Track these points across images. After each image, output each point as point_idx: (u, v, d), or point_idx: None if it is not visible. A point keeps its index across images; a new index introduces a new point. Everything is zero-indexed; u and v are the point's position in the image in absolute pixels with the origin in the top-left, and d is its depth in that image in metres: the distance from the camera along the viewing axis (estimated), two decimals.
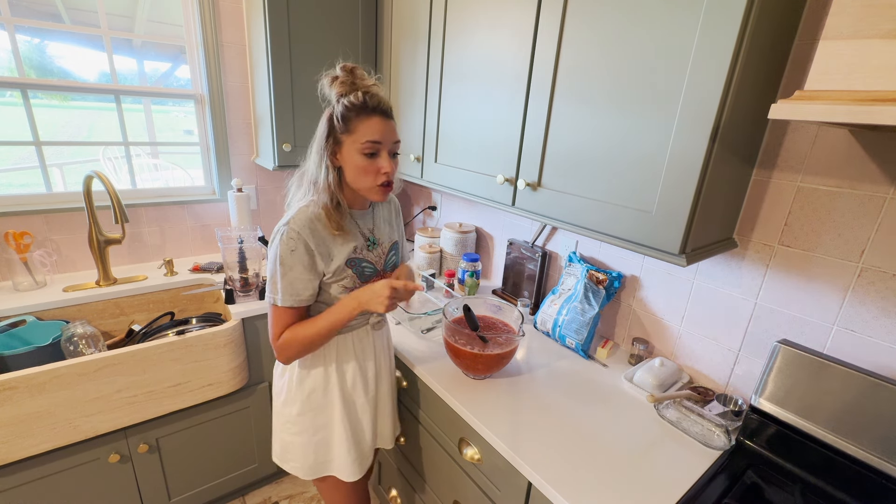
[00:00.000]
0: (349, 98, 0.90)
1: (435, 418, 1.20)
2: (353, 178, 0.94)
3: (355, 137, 0.91)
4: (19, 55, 1.47)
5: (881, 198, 0.84)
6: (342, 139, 0.92)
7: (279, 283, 0.93)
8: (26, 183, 1.63)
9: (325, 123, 0.93)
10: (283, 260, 0.92)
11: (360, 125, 0.91)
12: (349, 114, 0.90)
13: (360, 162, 0.92)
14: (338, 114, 0.90)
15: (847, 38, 0.62)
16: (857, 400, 0.81)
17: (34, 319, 1.41)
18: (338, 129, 0.91)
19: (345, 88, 0.91)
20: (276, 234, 0.93)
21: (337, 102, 0.91)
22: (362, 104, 0.90)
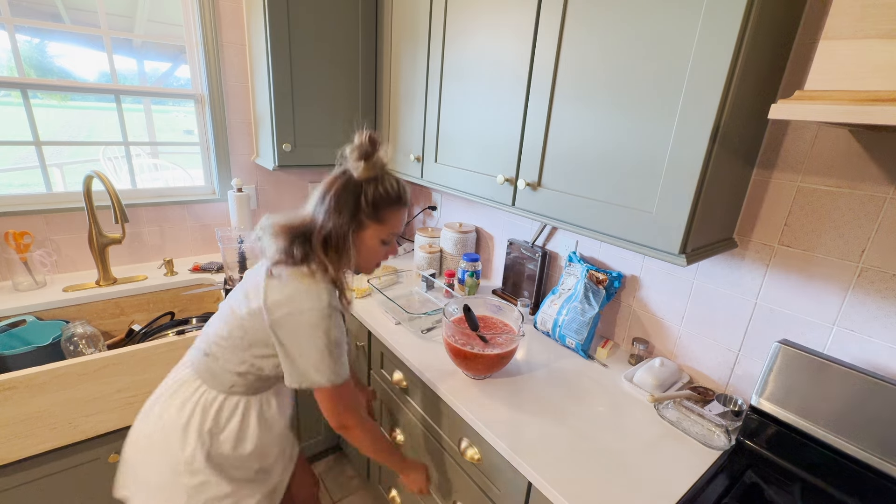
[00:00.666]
0: (385, 186, 0.88)
1: (435, 418, 1.20)
2: (359, 258, 0.93)
3: (383, 228, 0.91)
4: (19, 55, 1.47)
5: (881, 198, 0.84)
6: (366, 223, 0.89)
7: (339, 359, 0.88)
8: (26, 183, 1.63)
9: (351, 200, 0.87)
10: (338, 341, 0.87)
11: (391, 217, 0.91)
12: (382, 203, 0.88)
13: (377, 248, 0.93)
14: (368, 198, 0.87)
15: (847, 38, 0.62)
16: (857, 400, 0.81)
17: (34, 319, 1.41)
18: (364, 213, 0.88)
19: (374, 171, 0.88)
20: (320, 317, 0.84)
21: (366, 183, 0.87)
22: (398, 197, 0.90)
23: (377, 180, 0.88)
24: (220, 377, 0.94)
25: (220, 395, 0.94)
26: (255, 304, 0.87)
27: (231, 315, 0.92)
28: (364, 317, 1.46)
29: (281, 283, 0.86)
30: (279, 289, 0.86)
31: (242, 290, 0.94)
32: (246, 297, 0.91)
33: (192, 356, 0.99)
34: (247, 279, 0.97)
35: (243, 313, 0.90)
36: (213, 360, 0.94)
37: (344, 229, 0.87)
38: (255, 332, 0.89)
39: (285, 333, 0.86)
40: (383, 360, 1.41)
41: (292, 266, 0.87)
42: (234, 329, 0.91)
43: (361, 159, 0.86)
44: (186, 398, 0.94)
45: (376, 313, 1.47)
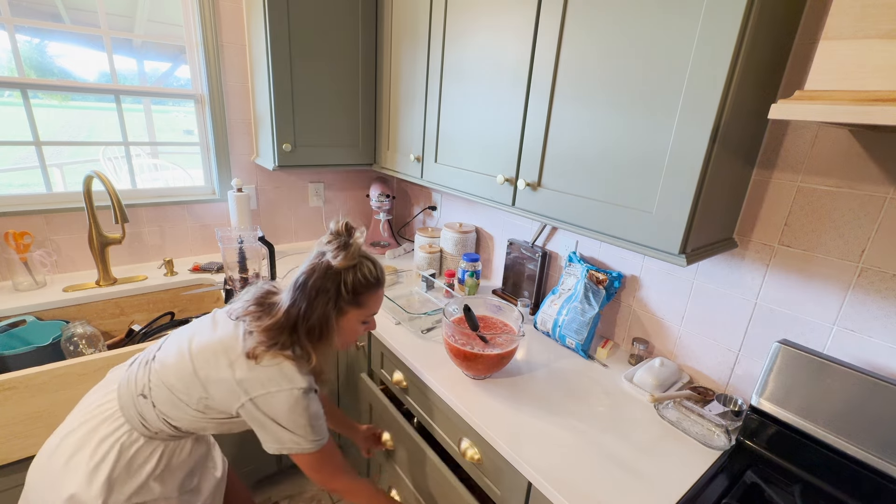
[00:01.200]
0: (364, 272, 0.90)
1: (435, 418, 1.20)
2: (339, 340, 0.95)
3: (363, 311, 0.94)
4: (19, 55, 1.47)
5: (881, 198, 0.84)
6: (347, 309, 0.91)
7: (319, 428, 0.90)
8: (26, 183, 1.63)
9: (332, 289, 0.88)
10: (317, 414, 0.89)
11: (370, 300, 0.94)
12: (362, 289, 0.91)
13: (356, 329, 0.96)
14: (348, 286, 0.89)
15: (847, 38, 0.62)
16: (858, 400, 0.81)
17: (34, 319, 1.41)
18: (344, 300, 0.90)
19: (352, 260, 0.89)
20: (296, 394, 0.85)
21: (345, 272, 0.89)
22: (376, 281, 0.93)
23: (355, 268, 0.90)
24: (150, 423, 0.88)
25: (140, 437, 0.89)
26: (226, 375, 0.85)
27: (190, 371, 0.87)
28: None
29: (259, 363, 0.85)
30: (258, 369, 0.85)
31: (208, 344, 0.88)
32: (214, 356, 0.86)
33: (125, 390, 0.90)
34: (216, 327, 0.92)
35: (208, 376, 0.86)
36: (148, 405, 0.88)
37: (327, 317, 0.89)
38: (219, 401, 0.86)
39: (260, 412, 0.85)
40: (383, 360, 1.41)
41: (274, 350, 0.86)
42: (193, 387, 0.86)
43: (341, 250, 0.88)
44: (105, 436, 0.87)
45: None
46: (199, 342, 0.89)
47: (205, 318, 0.97)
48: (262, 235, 1.58)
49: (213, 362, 0.86)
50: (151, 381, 0.89)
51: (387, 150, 1.75)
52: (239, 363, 0.85)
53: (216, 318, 0.95)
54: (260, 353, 0.85)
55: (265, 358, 0.85)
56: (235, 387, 0.84)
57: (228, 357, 0.86)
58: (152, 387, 0.88)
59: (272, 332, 0.87)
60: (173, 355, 0.90)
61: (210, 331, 0.91)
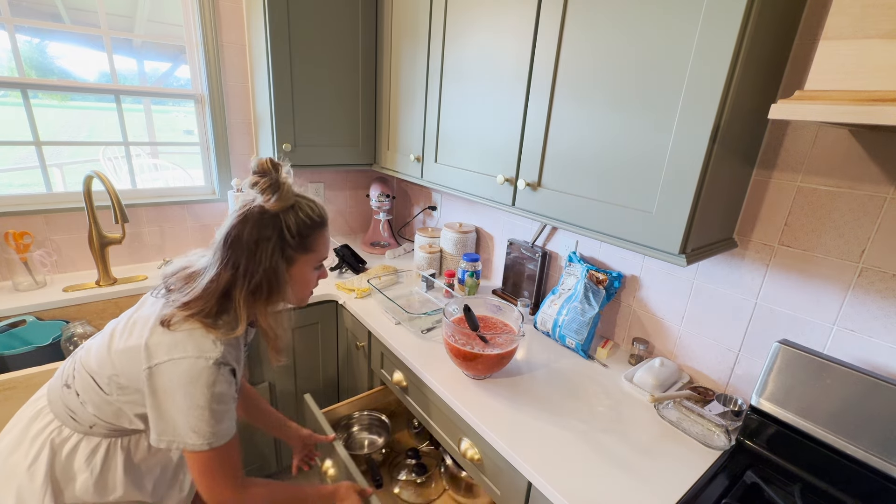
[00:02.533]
0: (306, 212, 0.80)
1: (435, 418, 1.20)
2: (293, 294, 0.85)
3: (313, 255, 0.83)
4: (19, 55, 1.47)
5: (881, 198, 0.84)
6: (295, 256, 0.81)
7: (223, 417, 0.76)
8: (26, 183, 1.63)
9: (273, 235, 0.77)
10: (222, 396, 0.76)
11: (319, 242, 0.83)
12: (307, 230, 0.80)
13: (309, 277, 0.85)
14: (293, 230, 0.78)
15: (847, 37, 0.62)
16: (857, 400, 0.81)
17: (34, 319, 1.41)
18: (291, 246, 0.79)
19: (287, 200, 0.78)
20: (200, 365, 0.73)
21: (284, 214, 0.78)
22: (321, 219, 0.83)
23: (294, 208, 0.79)
24: (78, 415, 0.81)
25: (74, 434, 0.81)
26: (134, 342, 0.76)
27: (106, 348, 0.79)
28: (364, 317, 1.46)
29: (171, 328, 0.75)
30: (168, 334, 0.74)
31: (130, 319, 0.82)
32: (129, 328, 0.79)
33: (53, 383, 0.86)
34: (141, 307, 0.85)
35: (119, 347, 0.78)
36: (72, 394, 0.81)
37: (275, 269, 0.78)
38: (127, 374, 0.77)
39: (160, 382, 0.73)
40: (383, 360, 1.41)
41: (196, 318, 0.75)
42: (105, 364, 0.79)
43: (272, 190, 0.76)
44: (37, 433, 0.81)
45: (376, 313, 1.47)
46: (120, 320, 0.83)
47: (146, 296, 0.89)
48: None
49: (126, 334, 0.78)
50: (75, 370, 0.83)
51: (387, 150, 1.75)
52: (150, 331, 0.75)
53: (143, 299, 0.87)
54: (176, 321, 0.75)
55: (179, 324, 0.75)
56: (140, 353, 0.74)
57: (143, 328, 0.77)
58: (75, 374, 0.82)
59: (198, 302, 0.76)
60: (97, 339, 0.83)
61: (134, 310, 0.84)
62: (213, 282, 0.76)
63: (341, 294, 1.61)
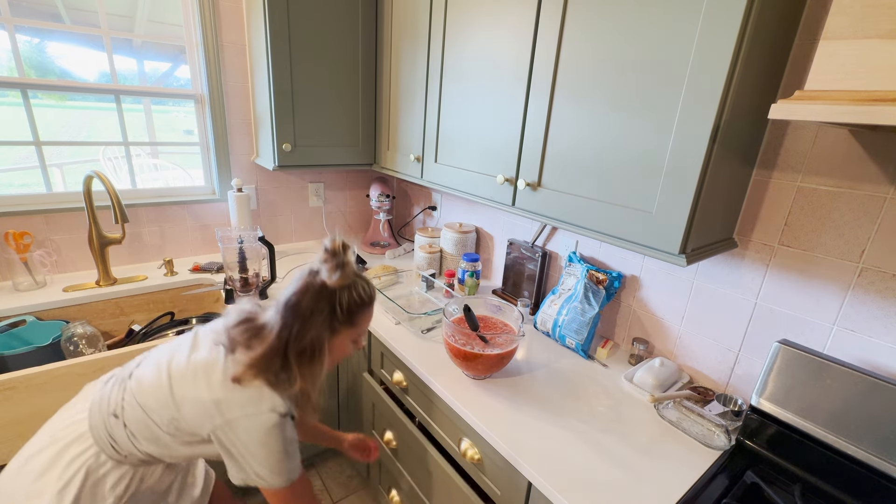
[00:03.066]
0: (359, 292, 0.88)
1: (435, 418, 1.20)
2: (330, 361, 0.91)
3: (355, 330, 0.91)
4: (19, 55, 1.47)
5: (881, 198, 0.84)
6: (340, 329, 0.88)
7: (294, 456, 0.87)
8: (26, 183, 1.63)
9: (326, 308, 0.85)
10: (292, 439, 0.86)
11: (363, 319, 0.92)
12: (356, 308, 0.88)
13: (347, 348, 0.94)
14: (343, 306, 0.86)
15: (847, 38, 0.62)
16: (857, 400, 0.81)
17: (34, 319, 1.41)
18: (338, 319, 0.87)
19: (348, 279, 0.86)
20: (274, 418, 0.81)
21: (340, 291, 0.86)
22: (370, 299, 0.91)
23: (350, 287, 0.87)
24: (119, 445, 0.84)
25: (108, 461, 0.85)
26: (203, 395, 0.81)
27: (167, 389, 0.84)
28: None
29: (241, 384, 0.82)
30: (237, 390, 0.81)
31: (189, 363, 0.85)
32: (194, 376, 0.84)
33: (97, 409, 0.87)
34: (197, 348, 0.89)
35: (185, 394, 0.82)
36: (119, 425, 0.84)
37: (320, 338, 0.85)
38: (191, 421, 0.82)
39: (236, 435, 0.81)
40: (383, 360, 1.41)
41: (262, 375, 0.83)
42: (166, 407, 0.83)
43: (337, 269, 0.85)
44: (74, 457, 0.84)
45: (376, 313, 1.47)
46: (178, 361, 0.86)
47: (186, 336, 0.94)
48: (262, 235, 1.58)
49: (191, 381, 0.83)
50: (125, 400, 0.85)
51: (387, 150, 1.75)
52: (219, 384, 0.82)
53: (198, 338, 0.92)
54: (246, 379, 0.82)
55: (249, 381, 0.82)
56: (211, 407, 0.81)
57: (208, 377, 0.83)
58: (125, 405, 0.85)
59: (265, 359, 0.83)
60: (151, 373, 0.86)
61: (191, 351, 0.89)
62: (275, 342, 0.84)
63: None
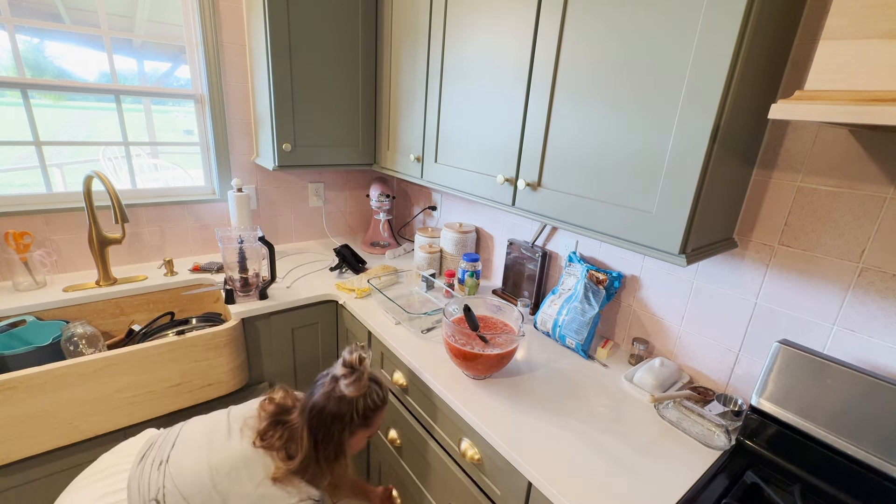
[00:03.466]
0: (373, 398, 0.99)
1: (435, 418, 1.20)
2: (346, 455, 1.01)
3: (370, 429, 1.03)
4: (19, 55, 1.47)
5: (881, 198, 0.84)
6: (357, 431, 0.99)
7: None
8: (26, 183, 1.63)
9: (347, 417, 0.96)
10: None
11: (377, 419, 1.03)
12: (371, 412, 0.99)
13: (362, 442, 1.04)
14: (360, 411, 0.97)
15: (847, 38, 0.62)
16: (858, 400, 0.81)
17: (34, 319, 1.41)
18: (355, 423, 0.98)
19: (363, 389, 0.97)
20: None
21: (358, 399, 0.97)
22: (383, 402, 1.02)
23: (365, 395, 0.98)
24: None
25: None
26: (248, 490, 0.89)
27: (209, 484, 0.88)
28: (364, 317, 1.46)
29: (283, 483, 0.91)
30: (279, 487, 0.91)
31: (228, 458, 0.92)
32: (236, 471, 0.91)
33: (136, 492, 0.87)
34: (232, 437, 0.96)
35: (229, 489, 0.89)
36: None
37: (341, 441, 0.97)
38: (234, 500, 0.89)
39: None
40: (383, 360, 1.41)
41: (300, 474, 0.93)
42: (211, 500, 0.88)
43: (354, 382, 0.96)
44: None
45: (376, 313, 1.47)
46: (218, 456, 0.92)
47: (220, 420, 1.01)
48: (262, 235, 1.57)
49: (234, 477, 0.90)
50: (166, 487, 0.88)
51: (387, 150, 1.75)
52: (261, 481, 0.91)
53: (231, 427, 0.99)
54: (286, 479, 0.92)
55: (289, 479, 0.92)
56: (257, 501, 0.89)
57: (250, 473, 0.91)
58: (167, 493, 0.87)
59: (301, 465, 0.93)
60: (190, 463, 0.91)
61: (228, 441, 0.96)
62: (308, 450, 0.94)
63: (341, 294, 1.61)
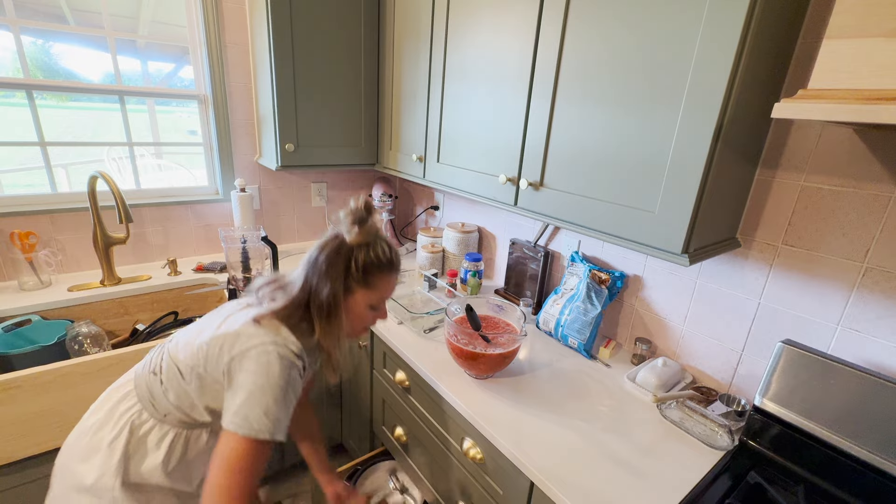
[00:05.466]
0: (377, 252, 0.86)
1: (437, 418, 1.20)
2: (346, 323, 0.89)
3: (372, 293, 0.89)
4: (24, 56, 1.48)
5: (886, 197, 0.84)
6: (354, 288, 0.87)
7: (284, 411, 0.79)
8: (31, 183, 1.64)
9: (341, 264, 0.85)
10: (293, 386, 0.81)
11: (381, 282, 0.89)
12: (373, 269, 0.87)
13: (364, 314, 0.91)
14: (359, 263, 0.85)
15: (851, 36, 0.62)
16: (861, 400, 0.81)
17: (39, 319, 1.42)
18: (353, 278, 0.86)
19: (367, 237, 0.86)
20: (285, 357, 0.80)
21: (357, 248, 0.85)
22: (389, 262, 0.89)
23: (369, 246, 0.86)
24: (157, 402, 0.87)
25: (150, 419, 0.88)
26: (223, 331, 0.83)
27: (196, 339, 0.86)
28: None
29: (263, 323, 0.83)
30: (255, 326, 0.82)
31: (222, 321, 0.87)
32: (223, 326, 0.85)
33: (141, 369, 0.92)
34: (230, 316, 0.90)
35: (207, 337, 0.84)
36: (157, 382, 0.88)
37: (335, 294, 0.85)
38: (209, 364, 0.82)
39: (243, 364, 0.79)
40: (385, 359, 1.42)
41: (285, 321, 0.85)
42: (191, 355, 0.84)
43: (356, 225, 0.85)
44: (122, 413, 0.88)
45: None
46: (213, 322, 0.88)
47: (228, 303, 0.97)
48: (265, 235, 1.58)
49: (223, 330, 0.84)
50: (163, 360, 0.89)
51: (389, 150, 1.75)
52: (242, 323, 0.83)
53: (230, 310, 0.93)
54: (266, 320, 0.83)
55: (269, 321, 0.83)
56: (231, 338, 0.81)
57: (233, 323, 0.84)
58: (164, 364, 0.89)
59: (286, 310, 0.85)
60: (186, 335, 0.90)
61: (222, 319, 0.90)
62: (298, 294, 0.86)
63: None
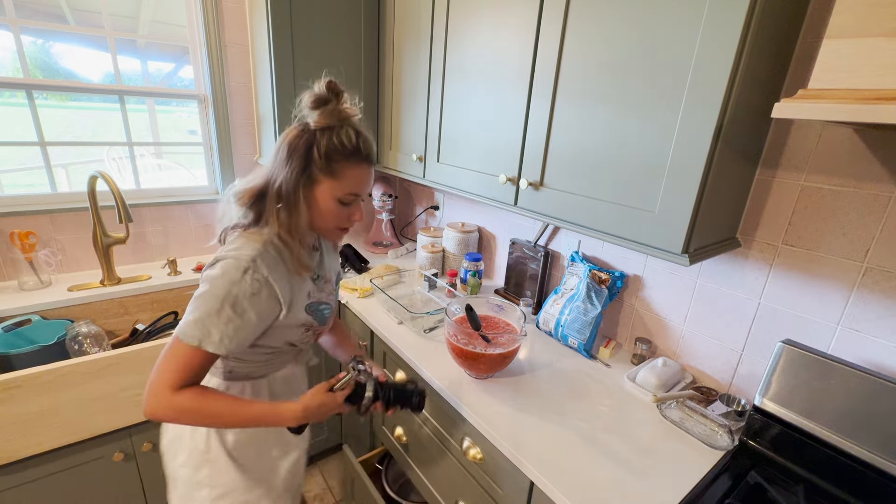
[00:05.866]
0: (340, 137, 0.78)
1: (437, 418, 1.20)
2: (313, 218, 0.83)
3: (338, 184, 0.80)
4: (24, 56, 1.48)
5: (886, 197, 0.84)
6: (319, 178, 0.79)
7: (217, 324, 0.74)
8: (31, 183, 1.64)
9: (302, 149, 0.77)
10: (236, 301, 0.74)
11: (348, 172, 0.80)
12: (337, 156, 0.78)
13: (332, 208, 0.82)
14: (321, 149, 0.77)
15: (851, 36, 0.62)
16: (861, 400, 0.81)
17: (39, 319, 1.42)
18: (316, 165, 0.78)
19: (331, 119, 0.78)
20: (232, 267, 0.75)
21: (321, 133, 0.77)
22: (355, 150, 0.79)
23: (333, 129, 0.78)
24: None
25: (221, 382, 0.90)
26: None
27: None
28: (366, 316, 1.46)
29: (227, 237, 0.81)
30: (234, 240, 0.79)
31: None
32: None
33: None
34: None
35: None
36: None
37: (294, 182, 0.78)
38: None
39: (202, 276, 0.77)
40: (385, 359, 1.42)
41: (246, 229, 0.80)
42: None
43: (317, 107, 0.77)
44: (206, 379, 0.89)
45: (379, 313, 1.48)
46: None
47: None
48: None
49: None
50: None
51: (389, 150, 1.75)
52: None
53: None
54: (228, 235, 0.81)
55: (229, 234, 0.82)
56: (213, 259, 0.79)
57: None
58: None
59: (248, 196, 0.80)
60: None
61: None
62: (262, 180, 0.81)
63: (344, 293, 1.61)
